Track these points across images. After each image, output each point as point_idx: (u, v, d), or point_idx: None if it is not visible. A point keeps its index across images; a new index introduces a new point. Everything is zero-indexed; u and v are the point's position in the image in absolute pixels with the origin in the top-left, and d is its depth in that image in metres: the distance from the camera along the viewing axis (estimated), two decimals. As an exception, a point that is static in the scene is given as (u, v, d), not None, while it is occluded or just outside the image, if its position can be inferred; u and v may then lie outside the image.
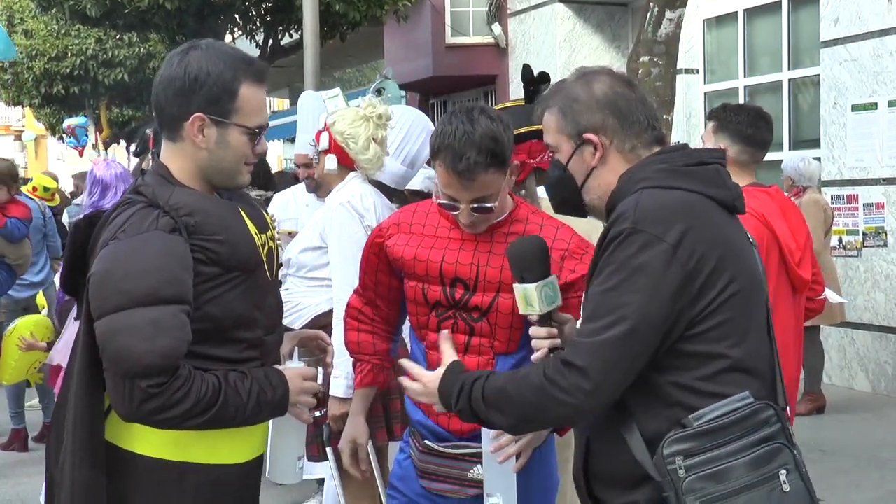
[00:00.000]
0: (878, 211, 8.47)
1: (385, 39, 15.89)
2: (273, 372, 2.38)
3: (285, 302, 3.90)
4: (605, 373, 2.01)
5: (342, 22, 13.11)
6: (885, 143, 8.41)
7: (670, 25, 6.26)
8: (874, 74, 8.46)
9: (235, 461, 2.39)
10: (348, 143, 3.94)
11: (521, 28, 13.30)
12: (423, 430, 2.81)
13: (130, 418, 2.21)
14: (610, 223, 2.10)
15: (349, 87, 20.16)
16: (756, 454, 2.03)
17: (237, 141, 2.35)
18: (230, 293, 2.31)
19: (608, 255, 2.06)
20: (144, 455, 2.30)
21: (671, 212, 2.06)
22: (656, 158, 2.18)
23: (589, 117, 2.21)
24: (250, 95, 2.35)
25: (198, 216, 2.27)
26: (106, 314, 2.18)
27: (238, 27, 14.80)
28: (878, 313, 8.42)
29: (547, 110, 2.29)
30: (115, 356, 2.17)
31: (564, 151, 2.26)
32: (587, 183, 2.24)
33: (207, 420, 2.22)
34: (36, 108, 24.39)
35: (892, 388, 8.22)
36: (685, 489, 1.99)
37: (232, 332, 2.33)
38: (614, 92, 2.23)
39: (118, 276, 2.19)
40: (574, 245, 2.70)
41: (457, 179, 2.57)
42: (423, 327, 2.77)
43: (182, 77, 2.31)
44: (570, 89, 2.26)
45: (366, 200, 3.86)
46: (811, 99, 9.79)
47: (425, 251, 2.72)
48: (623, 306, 2.01)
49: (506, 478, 2.61)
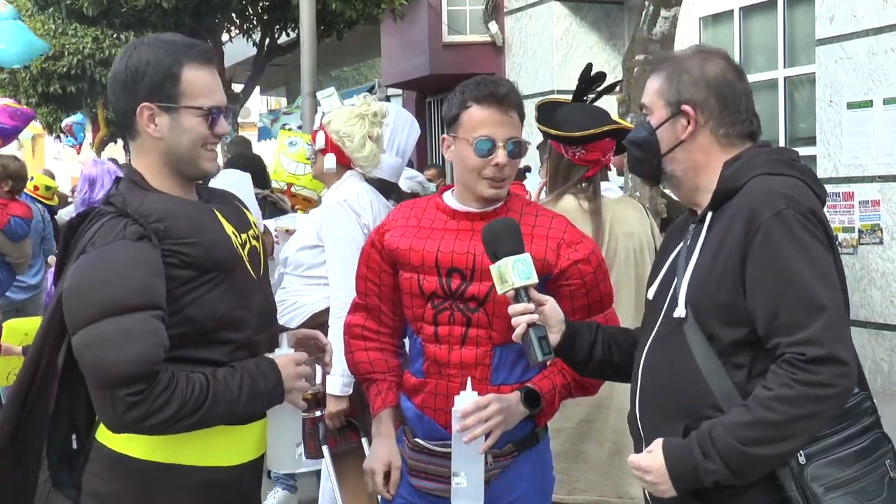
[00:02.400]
0: (874, 208, 8.49)
1: (382, 38, 15.87)
2: (264, 361, 2.37)
3: (283, 300, 3.93)
4: (847, 348, 2.03)
5: (339, 20, 13.10)
6: (880, 141, 8.42)
7: (665, 24, 6.27)
8: (869, 72, 8.47)
9: (228, 463, 2.38)
10: (344, 141, 3.96)
11: (517, 26, 13.30)
12: (416, 426, 2.77)
13: (118, 429, 2.21)
14: (738, 209, 2.12)
15: (346, 86, 20.14)
16: (864, 444, 2.09)
17: (190, 123, 2.35)
18: (209, 295, 2.30)
19: (764, 238, 2.07)
20: (136, 457, 2.30)
21: (805, 193, 2.14)
22: (762, 150, 2.24)
23: (693, 91, 2.25)
24: (195, 77, 2.35)
25: (168, 220, 2.27)
26: (78, 329, 2.18)
27: (235, 26, 14.79)
28: (873, 311, 8.45)
29: (654, 71, 2.35)
30: (90, 369, 2.17)
31: (657, 116, 2.30)
32: (673, 153, 2.28)
33: (198, 420, 2.21)
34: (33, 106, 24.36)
35: (887, 385, 8.24)
36: (810, 476, 2.03)
37: (216, 333, 2.32)
38: (724, 77, 2.27)
39: (86, 288, 2.19)
40: (569, 234, 2.70)
41: (497, 109, 2.62)
42: (418, 320, 2.74)
43: (124, 71, 2.34)
44: (684, 61, 2.30)
45: (362, 199, 3.88)
46: (807, 97, 9.80)
47: (420, 241, 2.70)
48: (815, 285, 2.03)
49: (472, 458, 2.58)
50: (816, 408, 2.00)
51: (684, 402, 2.17)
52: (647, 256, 3.58)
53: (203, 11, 13.02)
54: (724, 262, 2.12)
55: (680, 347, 2.19)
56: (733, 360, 2.12)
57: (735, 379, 2.11)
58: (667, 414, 2.21)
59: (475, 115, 2.64)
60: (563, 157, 3.56)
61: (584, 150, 3.49)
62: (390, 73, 15.68)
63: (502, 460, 2.70)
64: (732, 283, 2.10)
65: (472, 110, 2.64)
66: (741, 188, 2.15)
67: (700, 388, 2.13)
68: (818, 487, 2.02)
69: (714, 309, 2.13)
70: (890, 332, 8.34)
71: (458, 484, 2.59)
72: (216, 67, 2.44)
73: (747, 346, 2.11)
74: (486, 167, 2.63)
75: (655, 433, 2.22)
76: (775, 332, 2.05)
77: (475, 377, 2.64)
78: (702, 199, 2.28)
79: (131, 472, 2.30)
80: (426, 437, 2.75)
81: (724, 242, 2.13)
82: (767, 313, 2.05)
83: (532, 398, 2.66)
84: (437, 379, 2.71)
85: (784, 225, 2.06)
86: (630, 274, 3.52)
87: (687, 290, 2.18)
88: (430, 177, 10.19)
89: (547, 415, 2.74)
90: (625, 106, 6.19)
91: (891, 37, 8.30)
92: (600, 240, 3.45)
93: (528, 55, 12.90)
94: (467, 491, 2.58)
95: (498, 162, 2.62)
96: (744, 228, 2.09)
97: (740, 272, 2.09)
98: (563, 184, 3.57)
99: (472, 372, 2.65)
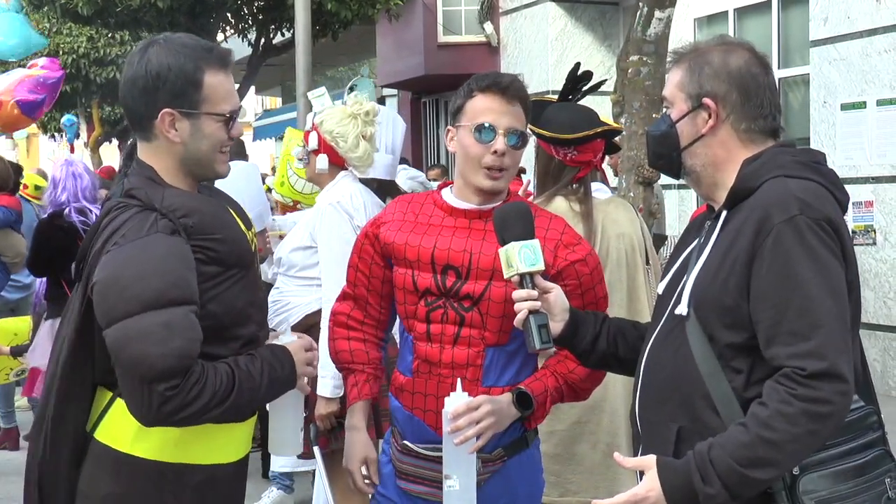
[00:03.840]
0: (867, 209, 8.51)
1: (377, 38, 15.87)
2: (278, 348, 2.41)
3: (276, 301, 3.94)
4: (846, 362, 1.95)
5: (334, 20, 13.11)
6: (873, 142, 8.44)
7: (660, 25, 6.27)
8: (863, 73, 8.50)
9: (229, 460, 2.40)
10: (338, 141, 3.95)
11: (512, 27, 13.32)
12: (404, 428, 2.74)
13: (151, 423, 2.20)
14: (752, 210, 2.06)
15: (341, 86, 20.12)
16: (865, 459, 2.02)
17: (211, 129, 2.34)
18: (230, 290, 2.32)
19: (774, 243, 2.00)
20: (144, 458, 2.30)
21: (824, 200, 2.05)
22: (785, 150, 2.16)
23: (715, 84, 2.18)
24: (215, 82, 2.34)
25: (195, 217, 2.28)
26: (116, 321, 2.16)
27: (230, 25, 14.79)
28: (866, 311, 8.47)
29: (675, 63, 2.27)
30: (131, 363, 2.15)
31: (678, 109, 2.24)
32: (693, 147, 2.22)
33: (226, 409, 2.22)
34: (27, 106, 24.31)
35: (880, 386, 8.26)
36: (802, 489, 1.97)
37: (231, 329, 2.34)
38: (748, 70, 2.19)
39: (124, 281, 2.18)
40: (567, 236, 2.69)
41: (500, 97, 2.63)
42: (410, 317, 2.70)
43: (144, 75, 2.30)
44: (707, 53, 2.23)
45: (356, 200, 3.88)
46: (801, 98, 9.82)
47: (417, 237, 2.68)
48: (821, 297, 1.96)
49: (464, 460, 2.55)
50: (815, 426, 1.92)
51: (682, 401, 2.12)
52: (638, 258, 3.57)
53: (198, 11, 13.03)
54: (732, 262, 2.06)
55: (681, 346, 2.14)
56: (732, 364, 2.06)
57: (733, 384, 2.05)
58: (665, 413, 2.16)
59: (478, 104, 2.64)
60: (553, 159, 3.52)
61: (577, 151, 3.47)
62: (385, 73, 15.69)
63: (492, 465, 2.67)
64: (737, 286, 2.04)
65: (476, 99, 2.65)
66: (758, 188, 2.09)
67: (698, 389, 2.08)
68: (809, 501, 1.97)
69: (717, 309, 2.07)
70: (883, 332, 8.37)
71: (451, 486, 2.56)
72: (231, 70, 2.44)
73: (746, 352, 2.05)
74: (486, 154, 2.62)
75: (653, 431, 2.18)
76: (775, 340, 1.98)
77: (466, 378, 2.62)
78: (720, 195, 2.20)
79: (138, 472, 2.30)
80: (415, 440, 2.72)
81: (734, 243, 2.07)
82: (769, 320, 1.99)
83: (524, 400, 2.63)
84: (428, 378, 2.68)
85: (796, 231, 1.98)
86: (622, 275, 3.50)
87: (692, 288, 2.13)
88: (434, 176, 10.17)
89: (538, 418, 2.70)
90: (619, 106, 6.19)
91: (884, 38, 8.33)
92: (592, 241, 3.41)
93: (522, 55, 12.91)
94: (459, 494, 2.55)
95: (497, 149, 2.61)
96: (754, 231, 2.02)
97: (746, 275, 2.03)
98: (554, 185, 3.53)
99: (463, 372, 2.63)
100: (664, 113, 2.29)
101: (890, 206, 8.31)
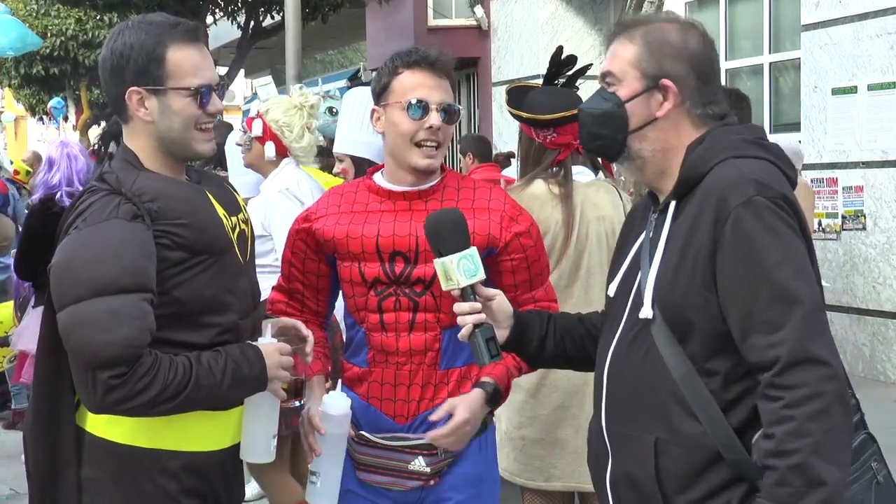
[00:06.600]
0: (857, 194, 8.52)
1: (367, 21, 15.82)
2: (249, 347, 2.35)
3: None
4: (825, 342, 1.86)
5: (324, 4, 13.09)
6: (864, 127, 8.45)
7: (651, 8, 6.28)
8: (854, 58, 8.49)
9: (208, 448, 2.37)
10: (283, 131, 4.08)
11: (503, 10, 13.27)
12: (360, 417, 2.67)
13: (97, 409, 2.20)
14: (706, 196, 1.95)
15: (331, 70, 20.07)
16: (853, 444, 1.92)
17: (179, 104, 2.32)
18: (198, 277, 2.29)
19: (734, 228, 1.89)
20: (118, 442, 2.29)
21: (777, 177, 1.96)
22: (729, 129, 2.05)
23: (675, 65, 2.04)
24: (181, 57, 2.31)
25: (161, 201, 2.25)
26: (66, 305, 2.16)
27: (219, 8, 14.72)
28: (856, 296, 8.48)
29: (625, 36, 2.10)
30: (76, 348, 2.15)
31: (629, 88, 2.06)
32: (644, 131, 2.06)
33: (179, 403, 2.20)
34: (15, 88, 24.17)
35: (869, 370, 8.29)
36: None
37: (201, 316, 2.30)
38: (705, 52, 2.07)
39: (77, 266, 2.17)
40: (510, 207, 2.66)
41: (429, 72, 2.59)
42: (361, 309, 2.65)
43: (110, 56, 2.32)
44: (664, 30, 2.08)
45: (303, 186, 3.99)
46: (792, 82, 9.82)
47: (358, 227, 2.62)
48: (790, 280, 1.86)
49: (334, 462, 2.57)
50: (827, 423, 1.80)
51: (656, 410, 1.98)
52: None
53: (187, -7, 12.96)
54: (695, 256, 1.94)
55: (648, 351, 2.01)
56: (707, 366, 1.94)
57: (710, 386, 1.93)
58: (637, 425, 2.02)
59: (407, 80, 2.60)
60: (534, 141, 3.54)
61: (556, 133, 3.46)
62: (375, 56, 15.63)
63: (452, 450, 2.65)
64: (703, 280, 1.92)
65: (404, 76, 2.61)
66: (708, 173, 1.97)
67: (673, 395, 1.96)
68: None
69: (685, 309, 1.95)
70: (872, 317, 8.38)
71: (314, 483, 2.58)
72: (204, 44, 2.40)
73: (721, 349, 1.94)
74: (420, 130, 2.58)
75: (625, 446, 2.05)
76: (751, 331, 1.88)
77: (424, 363, 2.60)
78: (667, 184, 2.07)
79: (112, 456, 2.29)
80: (372, 430, 2.67)
81: (692, 235, 1.95)
82: (740, 311, 1.88)
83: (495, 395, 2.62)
84: (385, 367, 2.64)
85: (755, 213, 1.88)
86: (602, 258, 3.47)
87: (653, 288, 1.99)
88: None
89: (503, 398, 2.67)
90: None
91: (875, 23, 8.32)
92: (571, 224, 3.42)
93: (513, 39, 12.87)
94: (320, 491, 2.58)
95: (432, 124, 2.57)
96: (712, 220, 1.91)
97: (710, 267, 1.92)
98: (535, 168, 3.54)
99: (421, 358, 2.61)
100: (605, 89, 2.10)
101: (880, 191, 8.32)
